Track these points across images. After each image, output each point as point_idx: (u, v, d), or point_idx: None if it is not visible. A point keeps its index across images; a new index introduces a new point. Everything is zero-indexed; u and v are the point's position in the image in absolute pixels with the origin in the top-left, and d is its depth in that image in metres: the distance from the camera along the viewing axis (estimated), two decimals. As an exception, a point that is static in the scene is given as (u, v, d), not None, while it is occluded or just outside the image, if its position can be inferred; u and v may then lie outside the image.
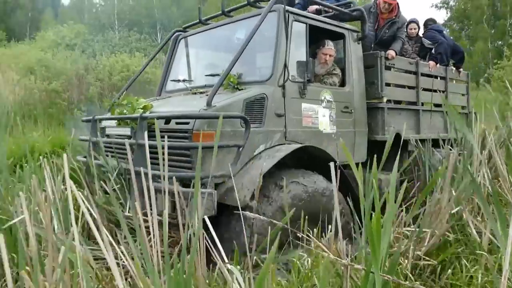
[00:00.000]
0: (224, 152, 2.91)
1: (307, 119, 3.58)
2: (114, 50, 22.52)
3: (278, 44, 3.41)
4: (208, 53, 4.83)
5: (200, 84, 4.08)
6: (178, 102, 3.80)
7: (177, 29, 4.90)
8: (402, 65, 4.85)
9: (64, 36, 24.07)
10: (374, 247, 1.56)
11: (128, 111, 3.43)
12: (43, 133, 7.26)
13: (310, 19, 3.76)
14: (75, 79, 17.33)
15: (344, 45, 4.09)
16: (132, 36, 25.52)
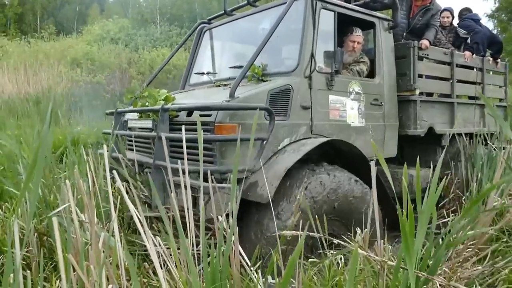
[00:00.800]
0: (247, 145, 2.66)
1: (335, 112, 3.42)
2: (156, 44, 23.06)
3: (305, 34, 3.25)
4: (233, 45, 4.68)
5: (224, 76, 3.96)
6: (201, 94, 3.71)
7: (202, 21, 4.78)
8: (436, 56, 4.58)
9: (109, 30, 24.85)
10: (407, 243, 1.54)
11: (150, 103, 3.31)
12: (88, 124, 7.58)
13: (339, 7, 3.55)
14: (118, 72, 17.92)
15: (375, 35, 3.89)
16: (173, 31, 25.94)
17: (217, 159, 2.70)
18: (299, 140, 3.12)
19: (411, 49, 4.10)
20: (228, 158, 2.74)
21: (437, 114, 4.42)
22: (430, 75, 4.59)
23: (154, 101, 3.27)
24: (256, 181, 2.73)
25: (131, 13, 30.64)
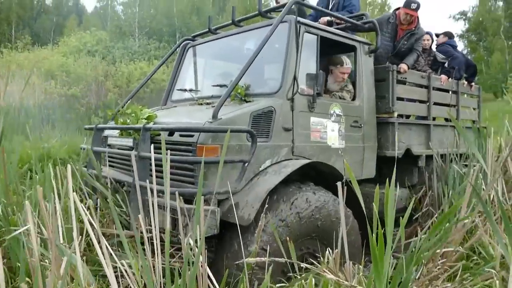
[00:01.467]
0: (229, 167, 2.79)
1: (316, 134, 3.47)
2: (134, 57, 22.90)
3: (288, 56, 3.31)
4: (217, 63, 4.74)
5: (207, 94, 3.98)
6: (183, 113, 3.69)
7: (186, 38, 4.81)
8: (414, 79, 4.74)
9: (86, 42, 24.58)
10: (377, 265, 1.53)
11: (131, 120, 3.27)
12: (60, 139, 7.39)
13: (322, 31, 3.65)
14: (94, 85, 17.65)
15: (355, 58, 3.99)
16: (151, 44, 25.87)
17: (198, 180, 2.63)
18: (281, 162, 3.13)
19: (390, 72, 4.20)
20: (210, 180, 2.73)
21: (414, 136, 4.51)
22: (408, 98, 4.72)
23: (136, 119, 3.24)
24: (237, 203, 2.72)
25: (109, 26, 30.42)
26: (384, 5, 31.98)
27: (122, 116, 3.42)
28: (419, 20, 4.76)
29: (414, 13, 4.56)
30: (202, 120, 2.87)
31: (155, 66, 5.12)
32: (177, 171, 2.86)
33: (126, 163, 3.41)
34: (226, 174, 2.75)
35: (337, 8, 4.73)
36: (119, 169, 3.55)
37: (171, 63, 23.45)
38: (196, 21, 28.19)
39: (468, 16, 35.61)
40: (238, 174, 2.79)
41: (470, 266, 2.86)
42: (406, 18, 4.63)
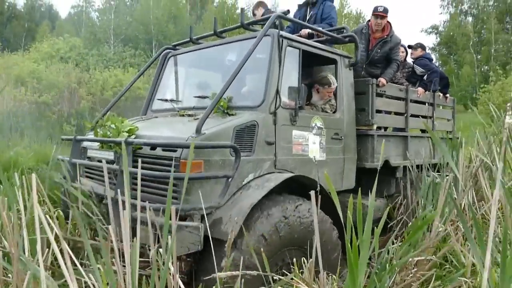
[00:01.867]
0: (212, 182, 2.77)
1: (297, 147, 3.46)
2: (108, 64, 22.57)
3: (271, 69, 3.28)
4: (198, 73, 4.66)
5: (188, 105, 3.91)
6: (164, 125, 3.60)
7: (167, 47, 4.74)
8: (393, 92, 4.81)
9: (59, 48, 24.09)
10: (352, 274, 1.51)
11: (112, 133, 3.15)
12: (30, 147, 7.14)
13: (304, 45, 3.65)
14: (66, 93, 17.26)
15: (336, 71, 4.01)
16: (127, 52, 25.58)
17: (182, 196, 2.49)
18: (263, 175, 3.12)
19: (370, 86, 4.25)
20: (193, 195, 2.67)
21: (392, 148, 4.58)
22: (387, 110, 4.81)
23: (117, 132, 3.13)
24: (221, 218, 2.69)
25: (84, 32, 29.92)
26: (359, 17, 32.72)
27: (102, 128, 3.29)
28: (391, 28, 4.80)
29: (382, 14, 4.59)
30: (186, 134, 2.82)
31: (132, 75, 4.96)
32: (160, 185, 2.81)
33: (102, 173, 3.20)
34: (210, 189, 2.74)
35: (315, 19, 4.80)
36: (98, 181, 3.45)
37: (147, 71, 23.24)
38: (173, 29, 28.04)
39: (439, 30, 36.87)
40: (221, 189, 2.75)
41: (442, 274, 2.90)
42: (376, 21, 4.67)
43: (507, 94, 19.14)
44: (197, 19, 33.91)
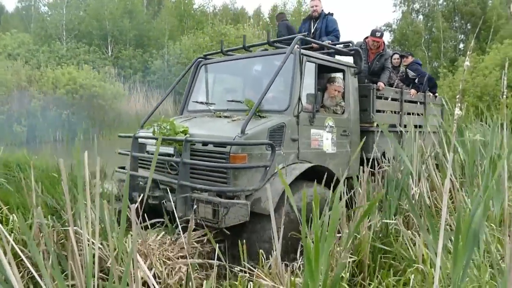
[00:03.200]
0: (253, 170, 3.53)
1: (314, 142, 4.23)
2: (61, 62, 21.64)
3: (294, 81, 4.06)
4: (228, 80, 5.63)
5: (220, 107, 4.65)
6: (211, 125, 4.25)
7: (199, 56, 5.48)
8: (390, 94, 5.57)
9: (6, 45, 22.83)
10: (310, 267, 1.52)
11: (170, 132, 3.90)
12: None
13: (319, 59, 4.45)
14: (16, 91, 16.43)
15: (344, 78, 4.77)
16: (80, 48, 24.59)
17: (231, 181, 3.43)
18: (290, 165, 3.85)
19: (371, 90, 5.09)
20: (239, 180, 3.44)
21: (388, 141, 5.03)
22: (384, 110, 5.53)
23: (174, 132, 3.89)
24: (260, 197, 3.40)
25: (33, 28, 28.48)
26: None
27: (158, 127, 4.03)
28: (384, 44, 5.87)
29: (379, 39, 5.66)
30: (233, 134, 3.55)
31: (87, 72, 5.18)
32: (211, 173, 3.61)
33: (163, 166, 4.03)
34: (251, 175, 3.51)
35: (320, 32, 5.69)
36: (155, 171, 4.07)
37: (103, 68, 22.45)
38: (128, 24, 27.25)
39: (393, 28, 38.12)
40: (261, 175, 3.50)
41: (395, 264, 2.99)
42: (374, 44, 5.73)
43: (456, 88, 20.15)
44: (154, 15, 33.19)
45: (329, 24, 5.67)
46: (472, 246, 1.72)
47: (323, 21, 5.72)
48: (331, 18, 5.74)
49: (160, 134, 3.90)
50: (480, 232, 2.23)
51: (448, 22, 35.17)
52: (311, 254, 1.40)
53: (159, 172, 4.05)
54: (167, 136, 3.85)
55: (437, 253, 1.17)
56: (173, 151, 3.84)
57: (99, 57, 25.01)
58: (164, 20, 30.20)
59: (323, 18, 5.75)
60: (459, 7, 34.91)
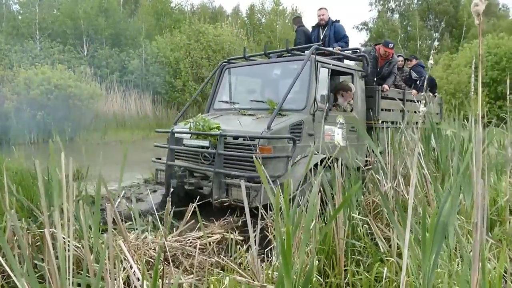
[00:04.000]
0: (277, 160, 4.14)
1: (328, 136, 4.87)
2: (34, 61, 21.11)
3: (310, 84, 4.75)
4: (249, 82, 6.39)
5: (244, 106, 5.35)
6: (240, 122, 4.80)
7: (224, 61, 6.21)
8: (393, 95, 6.26)
9: (-24, 44, 22.17)
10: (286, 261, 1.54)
11: (205, 128, 4.57)
12: None
13: (332, 65, 5.16)
14: (-13, 92, 15.95)
15: (353, 81, 5.52)
16: (54, 47, 24.04)
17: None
18: (307, 156, 4.43)
19: (377, 91, 5.81)
20: (266, 168, 3.63)
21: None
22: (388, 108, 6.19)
23: (208, 128, 4.57)
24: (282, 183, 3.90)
25: (4, 27, 27.69)
26: (294, 14, 33.32)
27: (194, 123, 4.69)
28: (393, 52, 6.54)
29: (391, 50, 6.32)
30: (260, 130, 4.21)
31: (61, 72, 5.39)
32: (241, 163, 4.24)
33: (197, 157, 4.73)
34: (276, 164, 4.11)
35: (329, 38, 6.36)
36: (190, 161, 4.88)
37: (78, 68, 22.00)
38: (103, 23, 26.79)
39: (369, 27, 38.68)
40: (284, 164, 4.12)
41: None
42: (385, 53, 6.34)
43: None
44: (131, 13, 32.72)
45: (338, 31, 6.37)
46: (441, 238, 1.79)
47: (331, 28, 6.40)
48: (338, 25, 6.42)
49: (195, 130, 4.66)
50: (450, 225, 2.32)
51: (423, 21, 35.95)
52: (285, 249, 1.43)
53: (194, 162, 4.75)
54: (202, 131, 4.57)
55: (405, 246, 1.22)
56: (208, 144, 4.52)
57: (74, 57, 24.50)
58: (140, 19, 29.81)
59: (330, 25, 6.42)
60: (433, 6, 35.73)
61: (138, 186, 7.25)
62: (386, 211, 2.03)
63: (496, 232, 3.41)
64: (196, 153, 4.71)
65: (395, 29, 35.90)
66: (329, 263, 2.86)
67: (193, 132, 4.69)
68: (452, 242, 2.49)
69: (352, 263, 2.79)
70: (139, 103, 23.85)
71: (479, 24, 0.91)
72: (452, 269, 2.21)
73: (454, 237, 2.52)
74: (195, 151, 4.74)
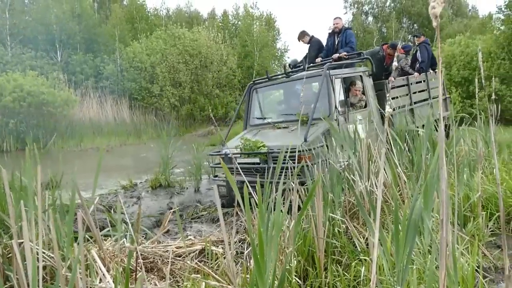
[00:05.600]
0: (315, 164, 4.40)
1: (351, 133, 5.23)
2: (5, 68, 20.57)
3: (330, 95, 5.63)
4: (276, 98, 7.48)
5: (277, 119, 6.34)
6: (278, 137, 5.67)
7: (251, 82, 7.20)
8: (399, 83, 7.21)
9: None
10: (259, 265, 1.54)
11: (252, 147, 5.30)
12: None
13: (343, 74, 6.12)
14: (-45, 101, 15.44)
15: (362, 81, 6.41)
16: (26, 54, 23.48)
17: (302, 173, 4.50)
18: None
19: (384, 85, 6.74)
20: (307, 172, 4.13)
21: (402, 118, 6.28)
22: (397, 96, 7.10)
23: (256, 147, 5.28)
24: None
25: (-27, 33, 26.87)
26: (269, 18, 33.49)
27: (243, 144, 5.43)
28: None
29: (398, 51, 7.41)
30: (298, 141, 4.69)
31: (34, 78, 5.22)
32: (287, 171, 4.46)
33: (249, 172, 5.29)
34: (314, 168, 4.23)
35: (341, 45, 7.13)
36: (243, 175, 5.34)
37: (51, 74, 21.53)
38: (77, 27, 26.32)
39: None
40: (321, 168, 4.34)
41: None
42: (391, 53, 7.47)
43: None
44: (106, 19, 32.24)
45: (347, 37, 7.17)
46: (413, 235, 1.82)
47: (343, 35, 7.21)
48: (349, 32, 7.26)
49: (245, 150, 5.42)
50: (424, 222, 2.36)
51: (398, 23, 36.70)
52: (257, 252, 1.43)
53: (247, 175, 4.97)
54: (252, 150, 5.30)
55: (374, 244, 1.24)
56: (260, 160, 5.23)
57: (47, 63, 23.99)
58: (115, 23, 29.39)
59: (343, 32, 7.24)
60: (407, 9, 36.50)
61: (116, 194, 7.13)
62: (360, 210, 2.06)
63: (470, 228, 3.50)
64: (249, 168, 5.37)
65: (371, 31, 36.52)
66: (309, 264, 2.88)
67: (244, 152, 5.47)
68: (427, 239, 2.54)
69: (332, 263, 2.81)
70: (115, 109, 23.51)
71: (437, 26, 0.94)
72: (426, 266, 2.26)
73: (429, 235, 2.58)
74: (249, 167, 5.42)
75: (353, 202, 3.49)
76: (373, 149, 3.95)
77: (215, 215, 5.46)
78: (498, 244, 3.46)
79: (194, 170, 7.71)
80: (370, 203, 1.76)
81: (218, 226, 5.01)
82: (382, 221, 3.31)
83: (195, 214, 5.71)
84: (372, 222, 2.12)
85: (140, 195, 6.90)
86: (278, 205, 1.72)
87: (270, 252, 1.56)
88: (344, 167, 4.37)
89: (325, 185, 3.49)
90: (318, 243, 2.76)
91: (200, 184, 7.67)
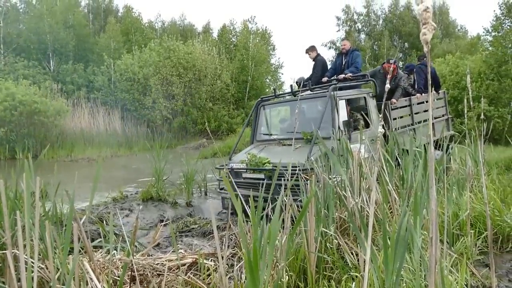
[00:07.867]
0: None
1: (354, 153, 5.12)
2: (-1, 76, 20.48)
3: (334, 115, 5.89)
4: (281, 115, 7.69)
5: (282, 136, 6.68)
6: (283, 154, 5.82)
7: (259, 100, 7.50)
8: (402, 104, 7.42)
9: None
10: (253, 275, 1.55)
11: (258, 164, 5.59)
12: None
13: (347, 95, 6.42)
14: None
15: (366, 102, 6.59)
16: (19, 62, 23.42)
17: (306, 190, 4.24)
18: None
19: (387, 105, 6.93)
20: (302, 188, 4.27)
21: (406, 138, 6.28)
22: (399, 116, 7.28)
23: (261, 163, 5.56)
24: None
25: (-34, 41, 26.76)
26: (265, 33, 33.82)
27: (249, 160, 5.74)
28: (397, 67, 7.68)
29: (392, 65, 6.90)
30: (302, 159, 5.02)
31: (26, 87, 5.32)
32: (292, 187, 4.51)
33: (253, 186, 5.41)
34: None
35: (348, 64, 7.48)
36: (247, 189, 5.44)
37: (43, 83, 21.46)
38: (67, 37, 26.34)
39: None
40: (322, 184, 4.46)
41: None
42: (389, 68, 7.27)
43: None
44: (101, 29, 32.35)
45: (353, 58, 7.51)
46: (402, 252, 1.86)
47: (350, 55, 7.55)
48: (355, 53, 7.59)
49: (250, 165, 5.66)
50: (414, 240, 2.40)
51: (390, 41, 37.31)
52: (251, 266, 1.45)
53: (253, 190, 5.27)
54: (258, 166, 5.55)
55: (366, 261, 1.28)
56: (264, 176, 5.43)
57: (40, 72, 23.92)
58: (109, 35, 29.48)
59: (350, 53, 7.58)
60: (398, 28, 37.20)
61: (106, 205, 7.09)
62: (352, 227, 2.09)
63: (458, 246, 3.54)
64: (255, 184, 5.48)
65: (364, 49, 37.06)
66: (300, 279, 2.89)
67: (249, 168, 5.69)
68: (417, 256, 2.57)
69: (324, 279, 2.83)
70: (107, 120, 23.42)
71: (428, 52, 0.99)
72: (416, 283, 2.29)
73: (419, 252, 2.61)
74: (254, 182, 5.57)
75: (344, 218, 3.52)
76: (364, 166, 3.97)
77: (206, 228, 5.43)
78: (487, 263, 3.50)
79: (185, 183, 7.70)
80: (361, 219, 1.79)
81: (209, 240, 5.00)
82: (373, 238, 3.34)
83: (186, 228, 5.68)
84: (363, 239, 2.15)
85: (131, 207, 6.86)
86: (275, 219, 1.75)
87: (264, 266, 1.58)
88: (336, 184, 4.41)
89: (319, 201, 3.51)
90: (310, 258, 2.77)
91: (191, 197, 7.65)
